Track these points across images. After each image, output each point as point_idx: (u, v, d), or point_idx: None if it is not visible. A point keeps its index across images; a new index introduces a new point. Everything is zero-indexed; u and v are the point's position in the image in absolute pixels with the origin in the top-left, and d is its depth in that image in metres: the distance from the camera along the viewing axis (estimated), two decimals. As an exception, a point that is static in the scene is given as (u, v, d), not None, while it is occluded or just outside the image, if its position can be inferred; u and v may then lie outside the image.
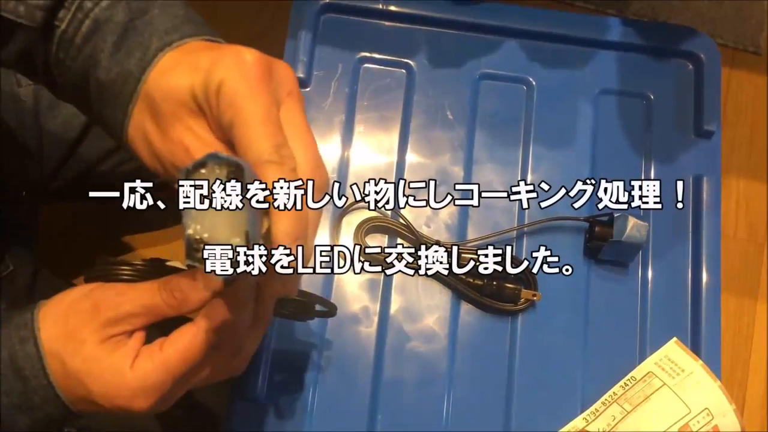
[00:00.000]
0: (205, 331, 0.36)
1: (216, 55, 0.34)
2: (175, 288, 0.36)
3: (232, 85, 0.33)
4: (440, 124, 0.63)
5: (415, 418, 0.55)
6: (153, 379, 0.36)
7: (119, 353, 0.36)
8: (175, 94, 0.35)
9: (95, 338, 0.36)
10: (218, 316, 0.36)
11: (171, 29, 0.36)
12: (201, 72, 0.34)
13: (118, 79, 0.36)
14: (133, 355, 0.36)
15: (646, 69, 0.66)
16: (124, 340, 0.37)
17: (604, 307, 0.59)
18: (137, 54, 0.35)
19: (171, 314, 0.37)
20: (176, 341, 0.36)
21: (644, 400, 0.55)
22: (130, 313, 0.36)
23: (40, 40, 0.37)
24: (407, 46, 0.65)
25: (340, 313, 0.57)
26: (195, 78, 0.34)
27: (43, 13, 0.36)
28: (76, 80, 0.37)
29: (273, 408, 0.55)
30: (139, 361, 0.36)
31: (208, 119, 0.35)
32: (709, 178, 0.62)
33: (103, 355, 0.36)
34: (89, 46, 0.36)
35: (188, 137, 0.35)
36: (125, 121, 0.36)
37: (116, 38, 0.36)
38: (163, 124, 0.35)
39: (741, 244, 1.18)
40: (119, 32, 0.36)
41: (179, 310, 0.37)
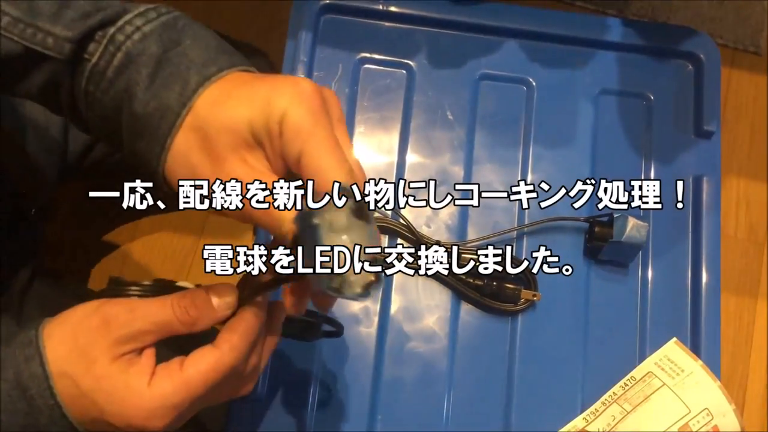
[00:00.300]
0: (229, 354, 0.36)
1: (272, 86, 0.35)
2: (189, 305, 0.36)
3: (296, 116, 0.34)
4: (440, 125, 0.63)
5: (415, 418, 0.55)
6: (172, 399, 0.35)
7: (133, 371, 0.36)
8: (231, 126, 0.34)
9: (107, 356, 0.35)
10: (242, 339, 0.36)
11: (208, 61, 0.36)
12: (258, 104, 0.34)
13: (156, 113, 0.35)
14: (149, 373, 0.36)
15: (646, 69, 0.66)
16: (135, 358, 0.36)
17: (604, 307, 0.59)
18: (176, 88, 0.35)
19: (183, 332, 0.37)
20: (198, 362, 0.36)
21: (644, 400, 0.55)
22: (142, 330, 0.36)
23: (67, 72, 0.36)
24: (407, 46, 0.65)
25: (340, 313, 0.57)
26: (253, 110, 0.34)
27: (72, 45, 0.35)
28: (107, 113, 0.37)
29: (273, 408, 0.55)
30: (157, 380, 0.36)
31: (266, 150, 0.35)
32: (709, 178, 0.62)
33: (117, 373, 0.35)
34: (122, 79, 0.36)
35: (242, 169, 0.34)
36: (162, 155, 0.36)
37: (151, 70, 0.35)
38: (214, 157, 0.35)
39: (741, 243, 1.18)
40: (153, 65, 0.35)
41: (192, 328, 0.37)
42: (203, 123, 0.35)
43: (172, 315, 0.36)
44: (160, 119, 0.35)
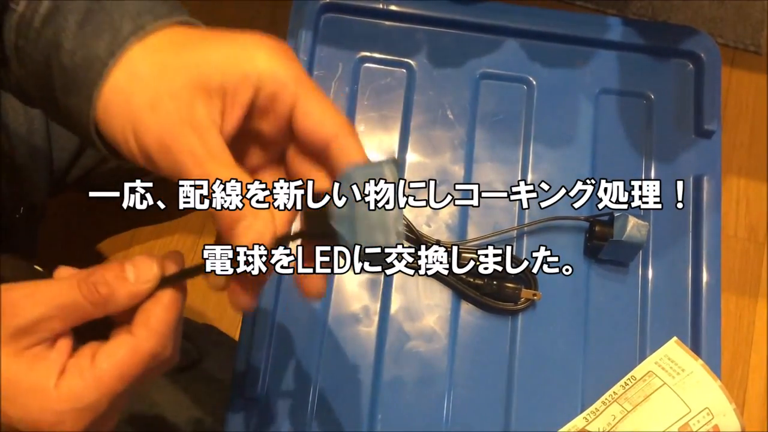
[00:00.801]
0: (147, 340, 0.31)
1: (241, 38, 0.32)
2: (99, 281, 0.31)
3: (280, 68, 0.32)
4: (440, 124, 0.63)
5: (415, 418, 0.55)
6: (84, 400, 0.31)
7: (40, 368, 0.31)
8: (190, 66, 0.31)
9: (8, 352, 0.30)
10: (161, 321, 0.32)
11: (144, 11, 0.32)
12: (230, 51, 0.32)
13: (83, 63, 0.31)
14: (58, 370, 0.31)
15: (646, 68, 0.66)
16: (44, 353, 0.31)
17: (604, 306, 0.59)
18: (106, 36, 0.32)
19: (96, 314, 0.32)
20: (112, 353, 0.31)
21: (644, 399, 0.55)
22: (44, 316, 0.31)
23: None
24: (407, 45, 0.65)
25: (340, 312, 0.57)
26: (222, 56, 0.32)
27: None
28: (39, 68, 0.33)
29: (273, 408, 0.55)
30: (66, 378, 0.31)
31: (226, 103, 0.32)
32: (710, 177, 0.62)
33: (21, 372, 0.30)
34: (50, 28, 0.32)
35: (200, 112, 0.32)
36: (91, 110, 0.32)
37: (79, 18, 0.32)
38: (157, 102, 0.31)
39: (741, 243, 1.18)
40: (82, 12, 0.32)
41: (106, 309, 0.32)
42: (143, 70, 0.31)
43: (78, 295, 0.31)
44: (87, 70, 0.31)
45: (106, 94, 0.32)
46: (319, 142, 0.33)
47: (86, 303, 0.31)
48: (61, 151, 0.74)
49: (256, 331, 0.55)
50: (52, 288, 0.31)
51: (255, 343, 0.55)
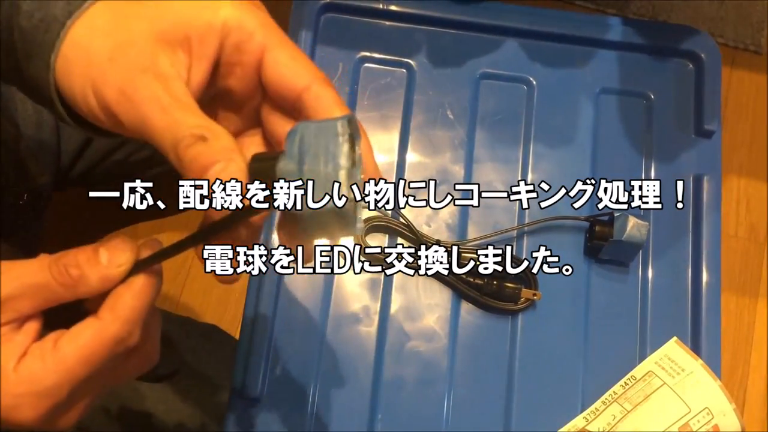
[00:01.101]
0: (112, 324, 0.30)
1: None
2: (70, 263, 0.30)
3: (244, 18, 0.31)
4: (440, 124, 0.63)
5: (415, 418, 0.55)
6: (43, 383, 0.30)
7: (2, 350, 0.30)
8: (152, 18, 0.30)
9: None
10: (127, 306, 0.31)
11: None
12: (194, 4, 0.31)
13: (41, 24, 0.30)
14: (20, 353, 0.30)
15: (646, 68, 0.66)
16: (10, 334, 0.30)
17: (604, 306, 0.59)
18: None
19: (66, 297, 0.31)
20: (76, 337, 0.30)
21: (644, 399, 0.55)
22: (11, 295, 0.30)
23: None
24: (407, 45, 0.65)
25: (340, 312, 0.57)
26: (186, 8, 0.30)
27: None
28: (3, 37, 0.32)
29: (273, 408, 0.55)
30: (27, 361, 0.30)
31: (192, 57, 0.31)
32: (710, 177, 0.62)
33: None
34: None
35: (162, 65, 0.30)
36: (50, 74, 0.30)
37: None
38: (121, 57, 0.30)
39: (741, 243, 1.18)
40: None
41: (76, 292, 0.31)
42: (101, 22, 0.30)
43: (48, 276, 0.30)
44: (44, 32, 0.30)
45: (64, 52, 0.30)
46: (290, 92, 0.32)
47: (56, 284, 0.30)
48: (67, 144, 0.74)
49: (256, 331, 0.55)
50: (22, 267, 0.31)
51: (255, 343, 0.55)
